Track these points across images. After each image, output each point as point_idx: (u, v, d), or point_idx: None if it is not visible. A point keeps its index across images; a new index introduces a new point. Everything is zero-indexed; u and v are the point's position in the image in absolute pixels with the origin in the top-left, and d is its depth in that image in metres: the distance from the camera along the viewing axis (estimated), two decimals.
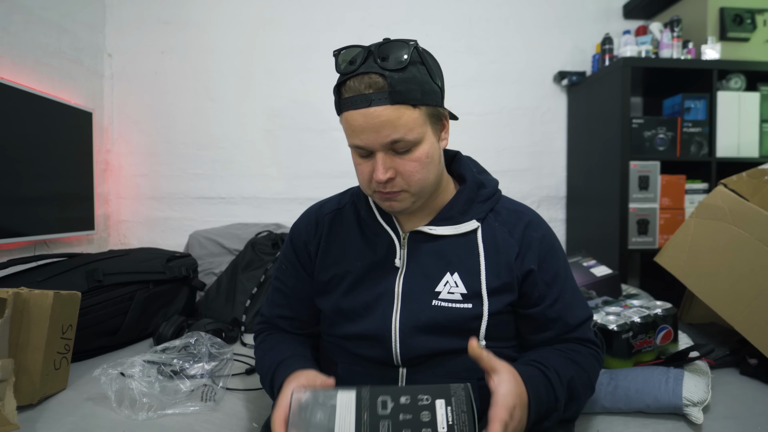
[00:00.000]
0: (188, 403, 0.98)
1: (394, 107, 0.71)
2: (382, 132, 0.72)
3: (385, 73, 0.70)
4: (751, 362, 1.18)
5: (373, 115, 0.71)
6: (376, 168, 0.75)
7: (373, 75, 0.71)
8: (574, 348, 0.84)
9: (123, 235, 2.25)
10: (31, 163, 1.62)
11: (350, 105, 0.73)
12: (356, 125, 0.73)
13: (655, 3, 2.16)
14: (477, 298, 0.81)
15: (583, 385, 0.81)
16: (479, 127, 2.29)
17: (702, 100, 1.93)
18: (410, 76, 0.72)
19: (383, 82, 0.71)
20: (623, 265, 1.88)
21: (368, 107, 0.71)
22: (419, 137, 0.75)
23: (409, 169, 0.76)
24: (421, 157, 0.76)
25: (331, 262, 0.89)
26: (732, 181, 1.30)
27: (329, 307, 0.88)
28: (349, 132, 0.76)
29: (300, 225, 0.96)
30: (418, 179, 0.77)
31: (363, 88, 0.71)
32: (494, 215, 0.87)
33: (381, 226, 0.87)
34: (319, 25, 2.23)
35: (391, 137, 0.72)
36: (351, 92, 0.73)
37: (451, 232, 0.84)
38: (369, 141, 0.74)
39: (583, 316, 0.86)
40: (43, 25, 1.77)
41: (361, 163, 0.79)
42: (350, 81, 0.73)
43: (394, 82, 0.71)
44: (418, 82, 0.73)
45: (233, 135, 2.24)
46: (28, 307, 0.96)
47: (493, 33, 2.29)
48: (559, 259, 0.87)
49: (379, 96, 0.71)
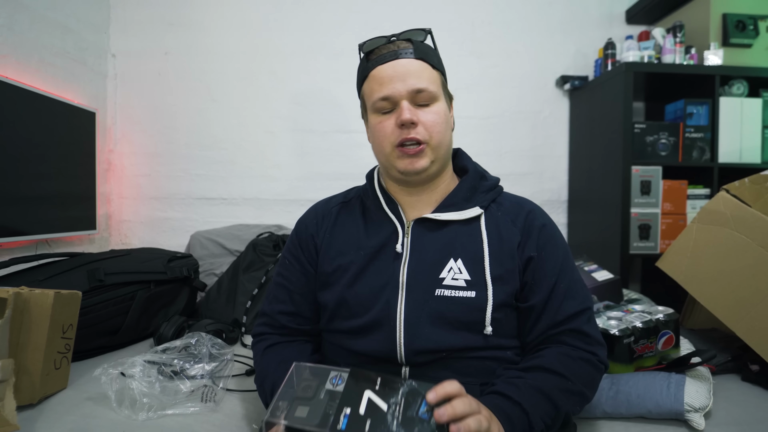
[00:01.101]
0: (188, 404, 0.98)
1: (418, 61, 0.83)
2: (408, 80, 0.81)
3: (410, 39, 0.85)
4: (753, 368, 1.18)
5: (401, 64, 0.82)
6: (401, 112, 0.81)
7: (398, 41, 0.85)
8: (563, 352, 0.80)
9: (124, 235, 2.25)
10: (33, 163, 1.62)
11: (379, 61, 0.84)
12: (385, 75, 0.83)
13: (658, 8, 2.16)
14: (481, 285, 0.81)
15: (566, 394, 0.76)
16: (481, 130, 2.29)
17: (704, 106, 1.93)
18: (429, 47, 0.87)
19: (408, 43, 0.84)
20: (625, 269, 1.88)
21: (396, 59, 0.83)
22: (438, 94, 0.84)
23: (431, 119, 0.82)
24: (440, 112, 0.84)
25: (336, 253, 0.89)
26: (734, 186, 1.29)
27: (333, 299, 0.87)
28: (377, 86, 0.83)
29: (307, 219, 0.97)
30: (438, 131, 0.83)
31: (391, 47, 0.84)
32: (497, 205, 0.89)
33: (386, 214, 0.89)
34: (322, 27, 2.24)
35: (417, 86, 0.81)
36: (380, 53, 0.84)
37: (455, 218, 0.85)
38: (395, 89, 0.81)
39: (577, 307, 0.83)
40: (48, 25, 1.78)
41: (383, 119, 0.84)
42: (378, 48, 0.85)
43: (418, 44, 0.85)
44: (434, 53, 0.87)
45: (235, 136, 2.25)
46: (28, 307, 0.96)
47: (496, 37, 2.29)
48: (559, 249, 0.86)
49: (406, 51, 0.83)
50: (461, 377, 0.80)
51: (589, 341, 0.82)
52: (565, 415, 0.78)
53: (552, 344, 0.82)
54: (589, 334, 0.82)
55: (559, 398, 0.75)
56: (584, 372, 0.80)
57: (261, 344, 0.94)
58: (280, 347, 0.92)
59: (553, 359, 0.79)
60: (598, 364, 0.82)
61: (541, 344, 0.83)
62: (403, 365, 0.82)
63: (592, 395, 0.83)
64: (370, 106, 0.85)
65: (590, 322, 0.84)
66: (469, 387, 0.79)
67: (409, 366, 0.81)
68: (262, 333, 0.96)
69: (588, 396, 0.81)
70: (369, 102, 0.85)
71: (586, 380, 0.80)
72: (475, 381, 0.79)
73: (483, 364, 0.81)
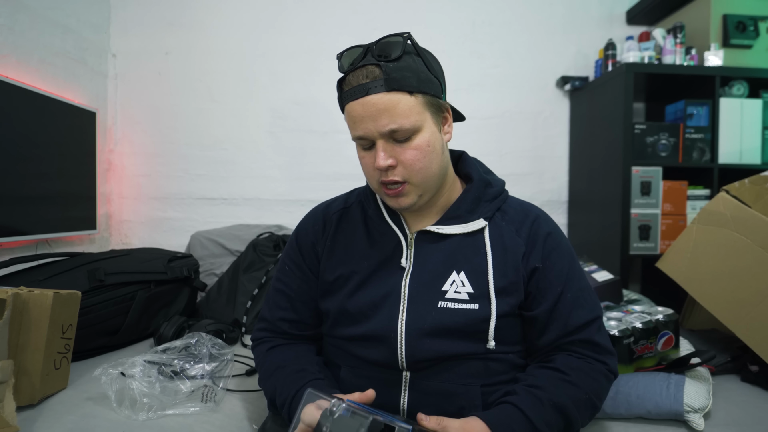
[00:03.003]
0: (188, 404, 0.98)
1: (390, 94, 0.74)
2: (379, 120, 0.74)
3: (380, 63, 0.73)
4: (753, 369, 1.18)
5: (371, 103, 0.74)
6: (376, 155, 0.76)
7: (369, 66, 0.74)
8: (572, 365, 0.79)
9: (125, 235, 2.25)
10: (34, 162, 1.62)
11: (350, 96, 0.76)
12: (356, 115, 0.76)
13: (659, 9, 2.16)
14: (484, 298, 0.80)
15: (581, 407, 0.76)
16: (482, 130, 2.29)
17: (704, 107, 1.93)
18: (405, 65, 0.74)
19: (378, 71, 0.73)
20: (625, 270, 1.88)
21: (366, 96, 0.74)
22: (417, 125, 0.76)
23: (410, 157, 0.76)
24: (421, 145, 0.77)
25: (337, 262, 0.88)
26: (734, 187, 1.30)
27: (334, 307, 0.86)
28: (351, 124, 0.78)
29: (307, 225, 0.95)
30: (419, 168, 0.77)
31: (361, 78, 0.74)
32: (501, 214, 0.87)
33: (388, 225, 0.87)
34: (323, 27, 2.24)
35: (389, 126, 0.74)
36: (350, 85, 0.76)
37: (458, 231, 0.83)
38: (368, 130, 0.75)
39: (586, 317, 0.81)
40: (48, 25, 1.78)
41: (365, 156, 0.80)
42: (350, 75, 0.76)
43: (389, 70, 0.73)
44: (413, 71, 0.75)
45: (236, 136, 2.25)
46: (27, 308, 0.96)
47: (496, 37, 2.29)
48: (564, 257, 0.84)
49: (375, 84, 0.73)
50: (463, 379, 0.80)
51: (599, 351, 0.81)
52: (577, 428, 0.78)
53: (561, 353, 0.82)
54: (600, 344, 0.81)
55: (571, 409, 0.75)
56: (597, 384, 0.79)
57: (263, 346, 0.93)
58: (284, 348, 0.91)
59: (566, 368, 0.79)
60: (609, 374, 0.81)
61: (551, 352, 0.83)
62: (404, 370, 0.81)
63: (601, 404, 0.81)
64: (352, 137, 0.80)
65: (601, 332, 0.83)
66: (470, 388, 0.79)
67: (410, 371, 0.81)
68: (262, 338, 0.95)
69: (598, 407, 0.80)
70: (350, 131, 0.80)
71: (597, 391, 0.79)
72: (476, 382, 0.79)
73: (485, 366, 0.81)
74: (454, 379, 0.80)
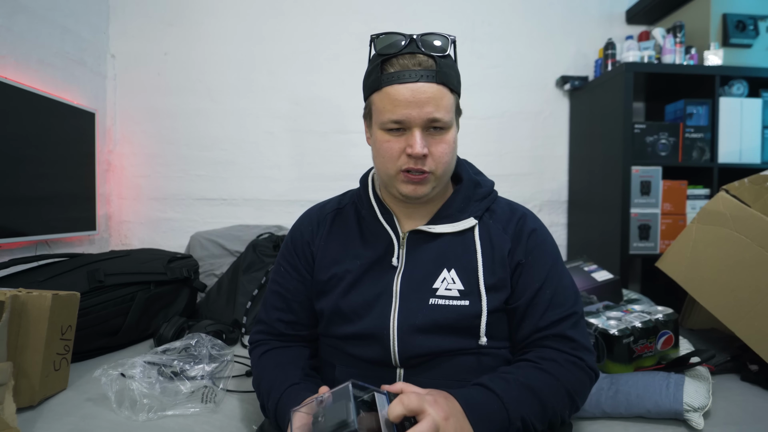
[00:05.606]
0: (188, 405, 0.98)
1: (439, 87, 0.77)
2: (425, 108, 0.76)
3: (434, 55, 0.77)
4: (752, 368, 1.18)
5: (421, 90, 0.76)
6: (414, 142, 0.77)
7: (420, 55, 0.77)
8: (544, 356, 0.79)
9: (124, 236, 2.25)
10: (33, 163, 1.62)
11: (397, 79, 0.77)
12: (401, 98, 0.76)
13: (658, 9, 2.16)
14: (474, 295, 0.81)
15: (554, 392, 0.75)
16: (481, 130, 2.29)
17: (704, 106, 1.93)
18: (451, 63, 0.80)
19: (432, 63, 0.77)
20: (624, 270, 1.88)
21: (417, 82, 0.76)
22: (452, 121, 0.80)
23: (441, 150, 0.79)
24: (450, 141, 0.80)
25: (331, 262, 0.89)
26: (734, 187, 1.29)
27: (328, 307, 0.88)
28: (390, 106, 0.78)
29: (301, 226, 0.96)
30: (445, 162, 0.80)
31: (411, 65, 0.77)
32: (490, 214, 0.89)
33: (381, 225, 0.88)
34: (321, 28, 2.24)
35: (433, 114, 0.76)
36: (399, 67, 0.77)
37: (449, 230, 0.85)
38: (410, 116, 0.77)
39: (561, 314, 0.81)
40: (47, 26, 1.78)
41: (391, 140, 0.80)
42: (397, 58, 0.78)
43: (441, 64, 0.77)
44: (455, 72, 0.81)
45: (235, 136, 2.25)
46: (26, 309, 0.96)
47: (496, 37, 2.29)
48: (546, 255, 0.86)
49: (429, 74, 0.77)
50: (456, 375, 0.80)
51: (575, 346, 0.80)
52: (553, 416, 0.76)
53: (536, 348, 0.81)
54: (575, 339, 0.80)
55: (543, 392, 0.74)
56: (571, 375, 0.78)
57: (258, 349, 0.93)
58: (278, 351, 0.92)
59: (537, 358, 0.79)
60: (587, 369, 0.80)
61: (526, 347, 0.83)
62: (398, 367, 0.83)
63: (581, 401, 0.80)
64: (378, 121, 0.80)
65: (576, 328, 0.82)
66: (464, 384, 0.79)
67: (404, 368, 0.83)
68: (259, 340, 0.95)
69: (577, 402, 0.79)
70: (377, 116, 0.81)
71: (572, 382, 0.77)
72: (469, 378, 0.79)
73: (478, 361, 0.82)
74: (447, 375, 0.81)
